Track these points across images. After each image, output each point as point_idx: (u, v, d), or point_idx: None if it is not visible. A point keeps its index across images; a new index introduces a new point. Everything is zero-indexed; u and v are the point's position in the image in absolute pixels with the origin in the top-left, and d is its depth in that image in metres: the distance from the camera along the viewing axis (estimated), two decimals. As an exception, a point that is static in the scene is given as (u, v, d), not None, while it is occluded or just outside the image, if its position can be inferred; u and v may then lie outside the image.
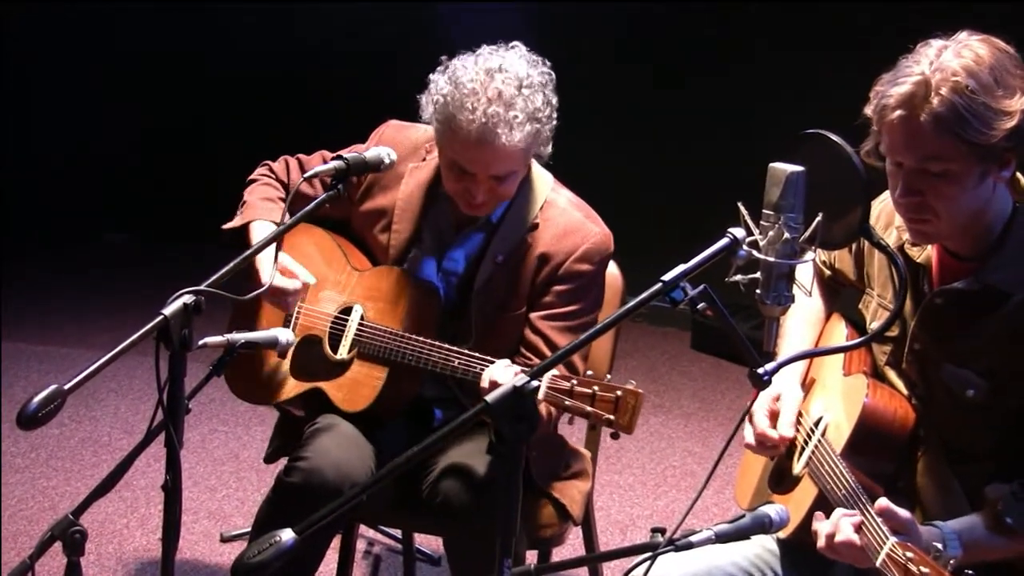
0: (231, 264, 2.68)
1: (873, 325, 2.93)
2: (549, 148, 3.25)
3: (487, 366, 3.10)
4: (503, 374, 3.02)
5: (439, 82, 3.17)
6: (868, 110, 2.58)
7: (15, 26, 8.38)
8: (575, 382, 2.88)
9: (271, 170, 3.59)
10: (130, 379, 6.21)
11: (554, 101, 3.19)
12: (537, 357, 3.26)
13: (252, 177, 3.58)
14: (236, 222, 3.44)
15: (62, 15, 8.51)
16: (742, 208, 2.26)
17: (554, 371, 2.83)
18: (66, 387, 2.29)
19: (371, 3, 7.97)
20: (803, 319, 3.18)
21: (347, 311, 3.40)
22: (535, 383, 2.13)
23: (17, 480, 5.10)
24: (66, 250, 8.73)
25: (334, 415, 3.35)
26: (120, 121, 8.66)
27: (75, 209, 8.77)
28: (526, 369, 2.88)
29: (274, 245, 2.93)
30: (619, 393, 2.82)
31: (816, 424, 2.93)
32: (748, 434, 3.01)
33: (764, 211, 2.23)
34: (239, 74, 8.49)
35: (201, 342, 2.57)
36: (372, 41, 8.00)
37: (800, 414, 2.99)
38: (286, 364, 3.45)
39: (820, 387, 3.05)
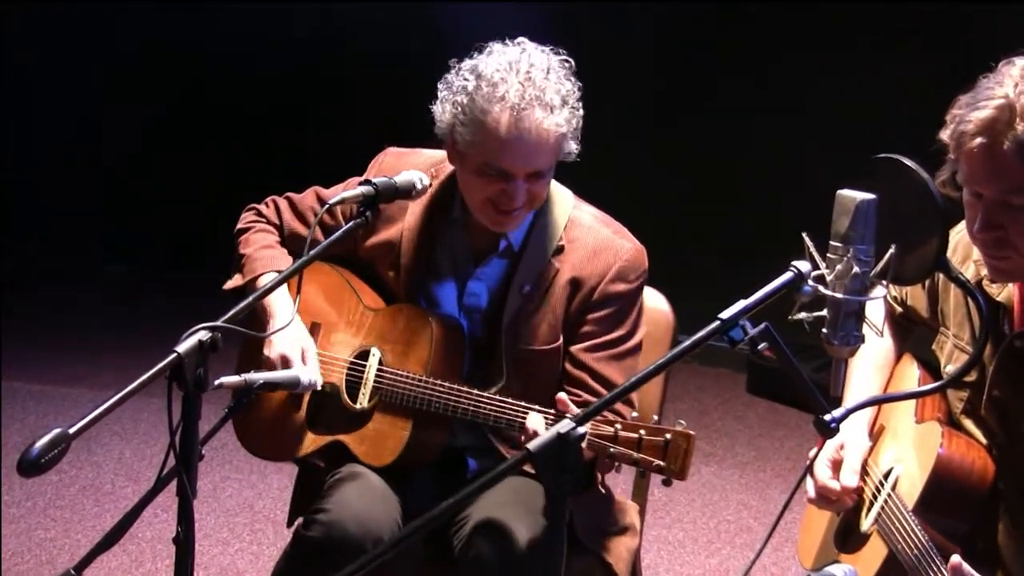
0: (247, 300, 2.69)
1: (948, 368, 2.91)
2: (577, 145, 3.22)
3: (523, 413, 3.08)
4: (542, 427, 3.00)
5: (456, 83, 3.16)
6: (944, 135, 2.55)
7: (9, 60, 8.55)
8: (619, 426, 2.87)
9: (259, 214, 3.56)
10: (135, 422, 6.24)
11: (579, 91, 3.19)
12: (586, 393, 3.23)
13: (241, 226, 3.54)
14: (238, 280, 3.42)
15: (54, 43, 8.70)
16: (807, 239, 2.24)
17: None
18: (71, 431, 2.27)
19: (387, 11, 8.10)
20: (871, 361, 3.17)
21: (363, 355, 3.37)
22: (581, 429, 2.12)
23: (12, 531, 5.12)
24: (65, 283, 8.79)
25: (358, 464, 3.34)
26: (119, 148, 8.87)
27: (73, 240, 8.87)
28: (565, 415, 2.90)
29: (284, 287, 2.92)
30: (668, 436, 2.80)
31: (886, 476, 2.91)
32: (810, 486, 3.00)
33: (831, 242, 2.21)
34: (242, 99, 8.71)
35: (217, 382, 2.58)
36: (385, 64, 8.09)
37: (868, 465, 2.98)
38: (302, 416, 3.42)
39: (890, 435, 3.04)
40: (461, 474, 3.42)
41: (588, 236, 3.30)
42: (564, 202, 3.35)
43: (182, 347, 2.40)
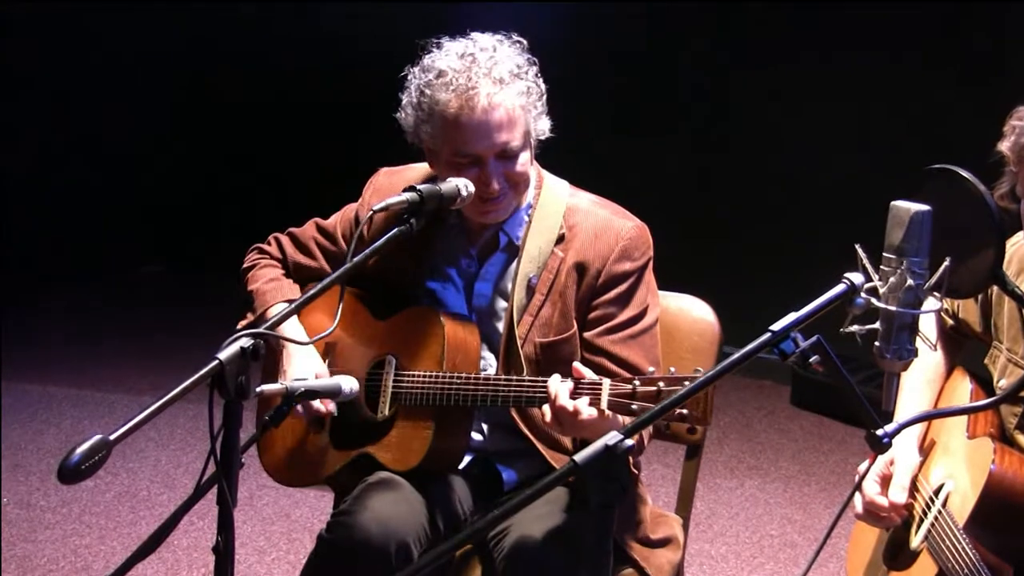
0: (289, 307, 2.71)
1: (1002, 383, 2.90)
2: (547, 122, 3.27)
3: (543, 385, 3.07)
4: (566, 397, 2.99)
5: (411, 85, 3.23)
6: (1003, 147, 2.54)
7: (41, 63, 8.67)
8: (638, 382, 2.90)
9: (262, 252, 3.61)
10: (171, 428, 6.27)
11: (535, 67, 3.23)
12: (609, 377, 3.22)
13: (246, 265, 3.59)
14: (250, 317, 3.46)
15: (92, 44, 8.80)
16: (860, 251, 2.24)
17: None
18: (112, 437, 2.29)
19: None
20: (922, 375, 3.15)
21: (379, 365, 3.38)
22: (628, 442, 2.12)
23: (47, 538, 5.15)
24: (100, 283, 8.85)
25: (388, 471, 3.34)
26: (154, 149, 9.00)
27: (109, 239, 8.94)
28: (586, 383, 2.94)
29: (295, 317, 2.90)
30: (687, 383, 2.81)
31: (936, 492, 2.90)
32: (858, 502, 2.99)
33: (885, 254, 2.21)
34: (275, 101, 8.83)
35: (258, 389, 2.58)
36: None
37: (918, 481, 2.96)
38: (325, 436, 3.43)
39: (941, 451, 3.02)
40: (494, 483, 3.43)
41: (588, 220, 3.32)
42: (560, 191, 3.38)
43: (224, 354, 2.41)
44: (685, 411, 2.81)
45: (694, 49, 7.63)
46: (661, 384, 2.86)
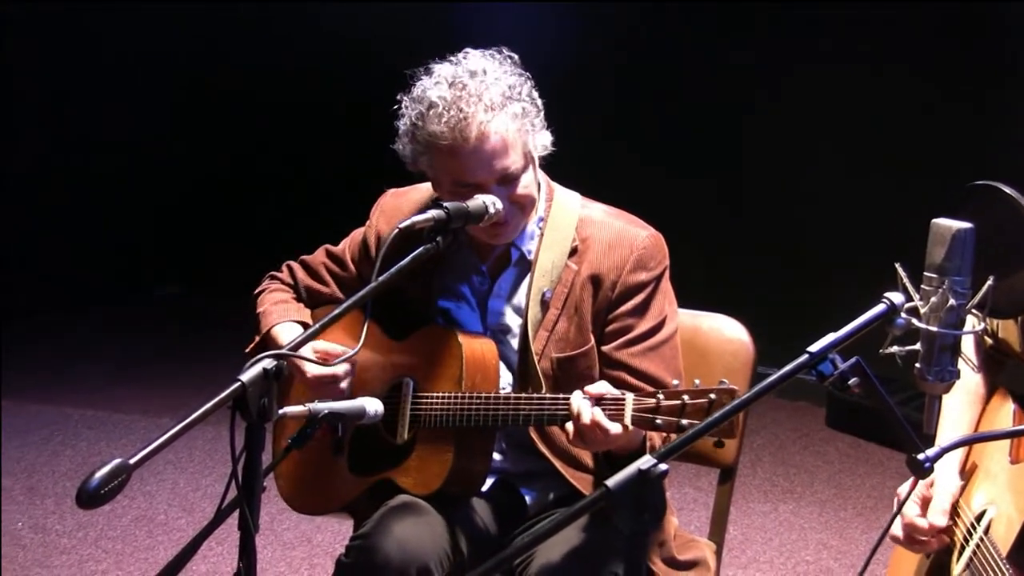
0: (314, 327, 2.72)
1: (1046, 406, 2.89)
2: (547, 136, 3.26)
3: (564, 402, 3.06)
4: (589, 413, 2.98)
5: (404, 116, 3.21)
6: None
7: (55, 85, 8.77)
8: (661, 396, 2.89)
9: (274, 278, 3.65)
10: (190, 450, 6.29)
11: (529, 82, 3.23)
12: (630, 391, 3.17)
13: (258, 290, 3.63)
14: (256, 339, 3.47)
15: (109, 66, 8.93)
16: (900, 270, 2.23)
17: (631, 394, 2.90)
18: (131, 461, 2.28)
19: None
20: (963, 396, 3.14)
21: (396, 388, 3.38)
22: (662, 467, 2.11)
23: (64, 562, 5.17)
24: (117, 305, 8.88)
25: (409, 495, 3.33)
26: (169, 169, 9.08)
27: (125, 262, 9.01)
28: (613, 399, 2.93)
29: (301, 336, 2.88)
30: (712, 396, 2.82)
31: (978, 519, 2.89)
32: (896, 526, 2.97)
33: (926, 273, 2.20)
34: (291, 123, 8.90)
35: (280, 411, 2.58)
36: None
37: (959, 506, 2.95)
38: (343, 463, 3.43)
39: (983, 475, 3.01)
40: (517, 505, 3.42)
41: (601, 231, 3.31)
42: (571, 203, 3.37)
43: (246, 376, 2.41)
44: None
45: (728, 61, 7.65)
46: (686, 397, 2.86)
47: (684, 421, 2.84)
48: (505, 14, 7.39)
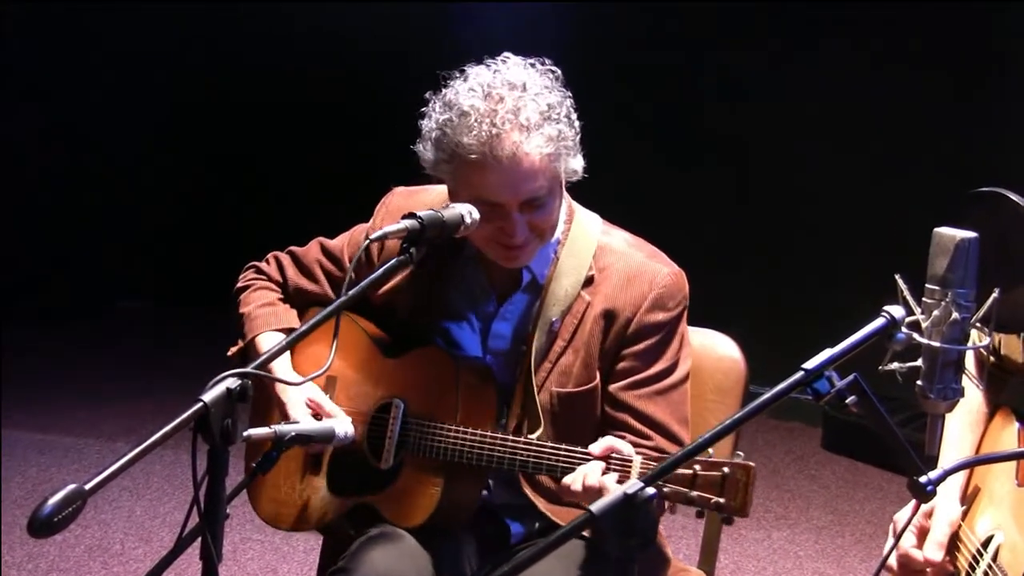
0: (279, 344, 2.68)
1: (1053, 426, 2.90)
2: (580, 161, 3.17)
3: (565, 456, 3.05)
4: (598, 475, 2.96)
5: (432, 118, 3.12)
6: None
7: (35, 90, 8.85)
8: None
9: (259, 271, 3.57)
10: (147, 476, 6.26)
11: (568, 100, 3.14)
12: (631, 435, 3.18)
13: (240, 285, 3.54)
14: (241, 344, 3.42)
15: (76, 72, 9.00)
16: (900, 282, 2.23)
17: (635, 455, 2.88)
18: (87, 487, 2.26)
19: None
20: (964, 415, 3.14)
21: (385, 408, 3.33)
22: (650, 490, 2.11)
23: (13, 596, 5.15)
24: (72, 319, 8.85)
25: (388, 524, 3.30)
26: (133, 182, 9.16)
27: (85, 276, 8.98)
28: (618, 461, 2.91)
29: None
30: (726, 470, 2.77)
31: (985, 545, 2.89)
32: (893, 556, 2.98)
33: (928, 285, 2.20)
34: (275, 102, 9.07)
35: (245, 434, 2.57)
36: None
37: (963, 532, 2.95)
38: (322, 480, 3.39)
39: (987, 499, 3.01)
40: (501, 536, 3.40)
41: (620, 263, 3.26)
42: (591, 228, 3.31)
43: (208, 396, 2.38)
44: (722, 500, 2.76)
45: (716, 76, 7.70)
46: (697, 468, 2.78)
47: (692, 493, 2.81)
48: (505, 14, 7.45)
